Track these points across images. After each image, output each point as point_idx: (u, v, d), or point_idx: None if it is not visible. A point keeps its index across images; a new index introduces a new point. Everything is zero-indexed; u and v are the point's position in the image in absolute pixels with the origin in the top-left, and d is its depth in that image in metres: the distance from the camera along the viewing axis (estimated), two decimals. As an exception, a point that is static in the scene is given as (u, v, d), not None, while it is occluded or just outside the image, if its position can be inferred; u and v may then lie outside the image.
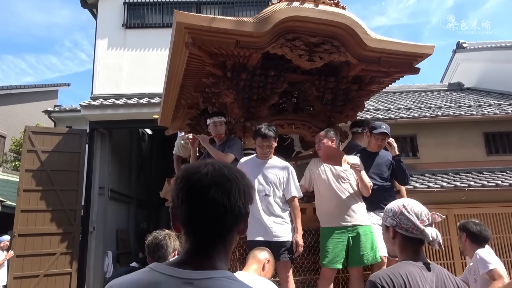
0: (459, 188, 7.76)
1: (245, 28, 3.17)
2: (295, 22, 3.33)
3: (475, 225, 3.05)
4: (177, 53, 3.50)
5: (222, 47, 3.24)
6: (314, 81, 4.04)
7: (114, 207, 10.50)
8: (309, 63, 3.49)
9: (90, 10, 10.61)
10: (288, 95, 4.21)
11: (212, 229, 0.90)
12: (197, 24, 3.08)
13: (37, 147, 8.55)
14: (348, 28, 3.38)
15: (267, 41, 3.31)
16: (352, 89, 4.13)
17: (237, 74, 3.60)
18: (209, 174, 0.89)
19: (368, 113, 9.83)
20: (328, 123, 4.10)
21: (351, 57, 3.55)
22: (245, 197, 0.91)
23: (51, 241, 8.17)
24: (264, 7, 10.16)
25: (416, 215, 1.67)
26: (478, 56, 13.80)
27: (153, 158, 14.79)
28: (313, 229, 3.41)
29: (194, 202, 0.88)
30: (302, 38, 3.41)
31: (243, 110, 3.85)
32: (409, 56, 3.69)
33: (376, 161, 3.71)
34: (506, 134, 9.54)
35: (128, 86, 9.51)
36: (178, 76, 3.81)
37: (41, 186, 8.36)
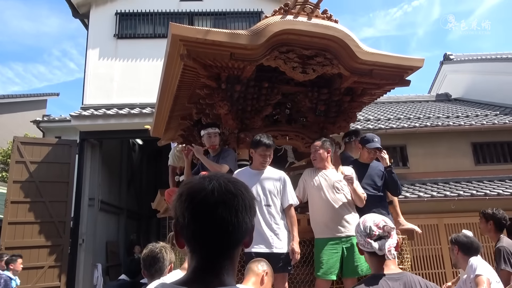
0: (448, 197, 7.86)
1: (240, 40, 3.21)
2: (289, 35, 3.39)
3: (466, 237, 3.19)
4: (171, 65, 3.52)
5: (216, 59, 3.28)
6: (307, 93, 4.11)
7: (104, 219, 10.35)
8: (303, 75, 3.56)
9: (81, 20, 10.60)
10: (281, 106, 4.27)
11: (220, 247, 0.89)
12: (192, 37, 3.11)
13: (26, 158, 8.42)
14: (340, 41, 3.46)
15: (261, 53, 3.36)
16: (344, 100, 4.21)
17: (231, 85, 3.64)
18: (215, 191, 0.87)
19: (358, 123, 9.93)
20: (321, 134, 4.13)
21: (344, 70, 3.62)
22: (251, 211, 0.91)
23: (39, 254, 8.01)
24: (255, 19, 10.35)
25: (365, 231, 1.75)
26: (465, 68, 14.12)
27: (143, 169, 14.68)
28: (307, 240, 3.40)
29: (202, 221, 0.87)
30: (296, 50, 3.48)
31: (237, 121, 3.88)
32: (400, 69, 3.77)
33: (369, 172, 3.77)
34: (493, 144, 9.74)
35: (119, 96, 9.48)
36: (172, 87, 3.83)
37: (29, 198, 8.22)
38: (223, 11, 10.38)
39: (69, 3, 9.93)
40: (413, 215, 8.11)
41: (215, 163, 3.66)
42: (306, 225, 3.48)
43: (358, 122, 10.16)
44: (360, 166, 3.75)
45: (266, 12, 10.36)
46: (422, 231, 6.37)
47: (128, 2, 10.29)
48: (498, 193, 7.86)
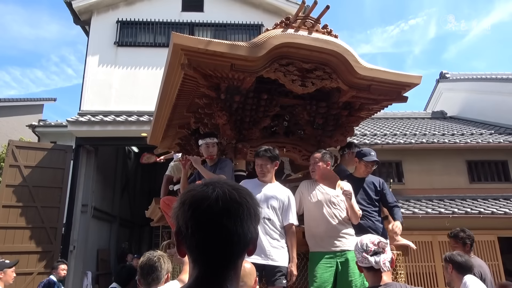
0: (443, 214, 7.87)
1: (241, 52, 3.23)
2: (289, 48, 3.43)
3: (460, 256, 3.21)
4: (172, 73, 3.54)
5: (217, 70, 3.30)
6: (305, 106, 4.14)
7: (96, 226, 10.24)
8: (302, 88, 3.58)
9: (82, 26, 10.66)
10: (279, 118, 4.28)
11: (224, 257, 0.86)
12: (194, 47, 3.13)
13: (20, 162, 8.36)
14: (340, 56, 3.50)
15: (261, 65, 3.38)
16: (342, 114, 4.23)
17: (230, 96, 3.65)
18: (219, 200, 0.84)
19: (355, 138, 9.98)
20: (318, 147, 4.13)
21: (342, 84, 3.66)
22: (255, 220, 0.89)
23: (29, 260, 7.88)
24: (255, 32, 10.46)
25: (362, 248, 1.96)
26: (460, 87, 14.29)
27: (138, 177, 14.61)
28: (302, 253, 3.38)
29: (206, 231, 0.84)
30: (296, 64, 3.51)
31: (235, 132, 3.88)
32: (397, 85, 3.81)
33: (363, 186, 3.76)
34: (488, 162, 9.80)
35: (117, 103, 9.48)
36: (172, 95, 3.82)
37: (21, 202, 8.13)
38: (224, 23, 10.49)
39: (71, 10, 10.00)
40: (408, 232, 8.08)
41: (212, 173, 3.64)
42: (301, 238, 3.45)
43: (355, 136, 10.21)
44: (355, 180, 3.75)
45: (266, 25, 10.48)
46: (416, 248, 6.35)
47: (129, 11, 10.38)
48: (492, 212, 7.88)
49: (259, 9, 10.71)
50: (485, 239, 8.26)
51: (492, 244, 8.20)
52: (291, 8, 10.51)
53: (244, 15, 10.61)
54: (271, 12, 10.65)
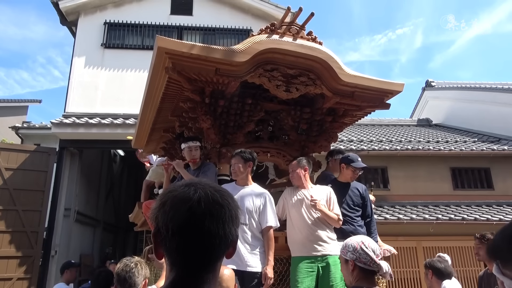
0: (427, 220, 7.95)
1: (225, 56, 3.23)
2: (274, 54, 3.45)
3: (440, 262, 3.32)
4: (156, 77, 3.51)
5: (201, 74, 3.28)
6: (290, 111, 4.16)
7: (79, 230, 10.04)
8: (286, 93, 3.61)
9: (69, 27, 10.52)
10: (264, 123, 4.28)
11: (204, 259, 0.84)
12: (178, 50, 3.12)
13: (1, 164, 8.15)
14: (324, 62, 3.53)
15: (246, 70, 3.39)
16: (326, 120, 4.27)
17: (215, 100, 3.66)
18: (202, 201, 0.82)
19: (342, 144, 10.04)
20: (302, 153, 4.19)
21: (326, 90, 3.70)
22: (236, 222, 0.87)
23: (8, 265, 7.66)
24: (244, 36, 10.47)
25: (373, 251, 1.96)
26: (445, 95, 14.55)
27: (123, 181, 14.40)
28: (284, 258, 3.40)
29: (188, 234, 0.82)
30: (280, 69, 3.54)
31: (219, 136, 3.88)
32: (380, 92, 3.86)
33: (348, 191, 3.80)
34: (471, 169, 9.97)
35: (103, 106, 9.36)
36: (156, 99, 3.81)
37: (1, 206, 7.91)
38: (213, 27, 10.48)
39: (58, 10, 9.87)
40: (392, 237, 8.15)
41: (195, 177, 3.57)
42: (284, 243, 3.47)
43: (341, 142, 10.27)
44: (340, 185, 3.79)
45: (255, 30, 10.49)
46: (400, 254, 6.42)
47: (117, 13, 10.30)
48: (475, 218, 7.99)
49: (248, 14, 10.74)
50: (468, 245, 8.35)
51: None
52: (280, 13, 10.57)
53: (233, 19, 10.62)
54: (260, 17, 10.69)
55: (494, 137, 11.10)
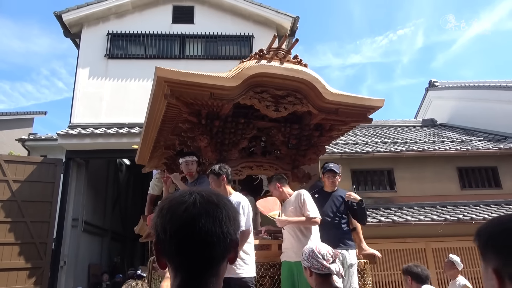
0: (436, 221, 7.89)
1: (218, 82, 3.56)
2: (263, 78, 3.78)
3: (416, 267, 3.47)
4: (156, 102, 3.85)
5: (197, 98, 3.62)
6: (280, 128, 4.49)
7: (87, 240, 10.08)
8: (275, 112, 3.97)
9: (72, 39, 10.64)
10: (257, 139, 4.64)
11: (205, 261, 0.84)
12: (175, 79, 3.44)
13: (9, 177, 8.22)
14: (309, 83, 3.86)
15: (238, 93, 3.71)
16: (314, 135, 4.60)
17: (210, 121, 4.02)
18: (197, 202, 0.84)
19: (347, 147, 10.03)
20: (293, 166, 4.60)
21: (312, 108, 4.03)
22: (235, 224, 0.88)
23: (18, 277, 7.70)
24: (246, 42, 10.52)
25: (322, 257, 2.09)
26: (449, 95, 14.50)
27: (130, 189, 14.46)
28: (277, 263, 3.71)
29: (185, 233, 0.82)
30: (269, 91, 3.87)
31: (215, 153, 4.21)
32: (363, 108, 4.17)
33: (331, 199, 4.10)
34: (478, 169, 9.89)
35: (108, 116, 9.43)
36: (157, 121, 4.14)
37: (10, 218, 7.97)
38: (215, 34, 10.55)
39: (61, 22, 9.99)
40: (401, 239, 8.12)
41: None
42: (276, 250, 3.83)
43: (346, 145, 10.26)
44: (325, 194, 4.16)
45: (256, 36, 10.58)
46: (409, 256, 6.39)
47: (120, 23, 10.40)
48: (484, 218, 7.92)
49: (250, 20, 10.80)
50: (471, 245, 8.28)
51: (485, 250, 8.23)
52: (281, 19, 10.64)
53: (235, 26, 10.69)
54: (262, 23, 10.75)
55: (500, 136, 11.02)
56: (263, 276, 3.64)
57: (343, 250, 3.75)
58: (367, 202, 9.38)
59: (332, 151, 9.41)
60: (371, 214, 8.49)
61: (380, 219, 7.97)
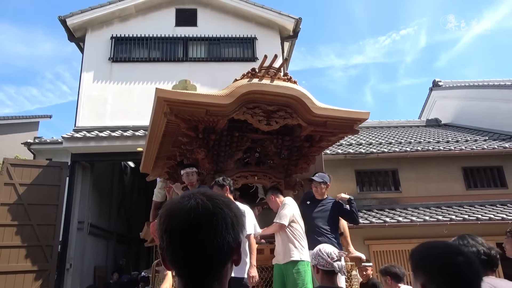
0: (441, 222, 7.86)
1: (213, 100, 3.89)
2: (255, 95, 4.07)
3: (393, 267, 3.67)
4: (157, 119, 4.18)
5: (194, 115, 3.95)
6: (272, 140, 4.79)
7: (93, 243, 10.13)
8: (267, 126, 4.27)
9: (76, 43, 10.72)
10: (251, 150, 4.92)
11: (204, 269, 0.85)
12: (174, 98, 3.80)
13: (15, 180, 8.29)
14: (298, 99, 4.15)
15: (232, 109, 4.02)
16: (304, 146, 4.89)
17: (207, 135, 4.34)
18: (192, 211, 0.84)
19: (350, 147, 10.02)
20: (286, 175, 4.92)
21: (302, 121, 4.31)
22: (233, 229, 0.86)
23: (25, 279, 7.75)
24: (248, 44, 10.55)
25: (327, 255, 2.35)
26: (453, 94, 14.43)
27: (135, 192, 14.51)
28: (270, 266, 4.00)
29: (180, 244, 0.84)
30: (261, 106, 4.17)
31: (212, 165, 4.55)
32: (349, 120, 4.46)
33: (321, 207, 4.36)
34: (483, 168, 9.84)
35: (112, 119, 9.48)
36: (158, 135, 4.49)
37: (17, 221, 8.03)
38: (217, 37, 10.59)
39: (65, 27, 10.07)
40: (406, 240, 8.09)
41: None
42: (269, 254, 4.14)
43: (350, 146, 10.24)
44: (315, 201, 4.44)
45: (259, 38, 10.60)
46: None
47: (123, 27, 10.47)
48: (489, 218, 7.89)
49: (252, 22, 10.83)
50: (484, 246, 8.24)
51: (491, 250, 8.17)
52: (283, 21, 10.66)
53: (237, 28, 10.72)
54: (264, 25, 10.77)
55: (505, 135, 10.96)
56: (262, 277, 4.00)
57: None
58: (372, 203, 9.37)
59: (336, 152, 9.41)
60: (376, 215, 8.48)
61: (385, 220, 7.95)
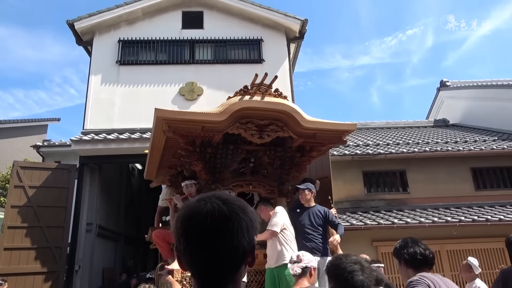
0: (450, 223, 7.78)
1: (208, 118, 4.20)
2: (247, 111, 4.37)
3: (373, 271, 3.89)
4: (157, 135, 4.54)
5: (191, 131, 4.29)
6: (266, 151, 5.09)
7: (102, 244, 10.20)
8: (260, 139, 4.57)
9: (84, 47, 10.82)
10: (246, 161, 5.23)
11: (220, 271, 0.87)
12: (172, 117, 4.18)
13: (25, 183, 8.38)
14: (288, 113, 4.44)
15: (226, 125, 4.33)
16: (296, 156, 5.19)
17: (204, 149, 4.67)
18: (208, 216, 0.86)
19: (357, 148, 9.97)
20: (279, 183, 5.20)
21: (292, 134, 4.61)
22: (248, 233, 0.89)
23: (34, 281, 7.83)
24: (255, 46, 10.56)
25: (292, 260, 2.94)
26: (461, 94, 14.31)
27: (142, 193, 14.58)
28: (263, 270, 4.28)
29: (196, 247, 0.86)
30: (253, 121, 4.47)
31: (209, 175, 4.85)
32: (337, 132, 4.77)
33: (308, 213, 4.66)
34: (493, 169, 9.73)
35: (120, 121, 9.55)
36: (159, 148, 4.84)
37: (26, 223, 8.12)
38: (224, 39, 10.62)
39: (73, 31, 10.17)
40: (415, 241, 8.02)
41: None
42: (262, 258, 4.38)
43: (357, 147, 10.20)
44: (304, 208, 4.75)
45: (265, 39, 10.62)
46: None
47: (131, 30, 10.54)
48: (499, 219, 7.79)
49: (258, 24, 10.85)
50: (493, 247, 8.16)
51: (501, 251, 8.08)
52: (289, 22, 10.66)
53: (244, 30, 10.74)
54: (270, 26, 10.78)
55: (514, 135, 10.84)
56: (250, 281, 4.34)
57: (318, 257, 4.27)
58: (380, 204, 9.32)
59: (343, 153, 9.38)
60: (384, 216, 8.43)
61: (393, 221, 7.90)
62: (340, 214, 8.43)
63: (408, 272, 2.24)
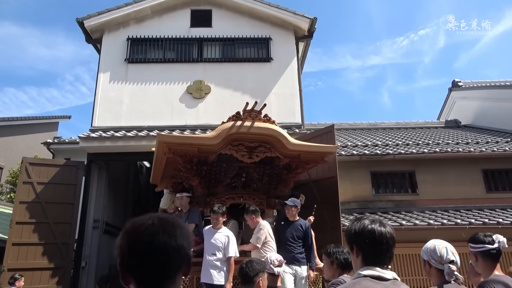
0: (460, 225, 7.63)
1: (203, 142, 4.94)
2: (239, 135, 5.07)
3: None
4: (159, 155, 5.32)
5: (189, 152, 5.07)
6: (255, 168, 5.80)
7: (108, 241, 10.24)
8: (249, 159, 5.29)
9: (94, 45, 10.88)
10: (238, 176, 5.93)
11: (164, 270, 0.97)
12: (172, 141, 4.95)
13: (33, 179, 8.46)
14: (275, 137, 5.18)
15: (219, 147, 5.05)
16: (283, 173, 5.91)
17: (200, 166, 5.40)
18: (155, 223, 1.00)
19: (366, 148, 9.84)
20: (268, 196, 5.97)
21: (279, 155, 5.32)
22: (188, 240, 1.02)
23: (41, 276, 7.89)
24: (263, 45, 10.50)
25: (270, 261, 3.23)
26: (474, 95, 14.05)
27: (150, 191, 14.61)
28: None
29: (146, 246, 0.96)
30: (244, 143, 5.17)
31: (205, 189, 5.60)
32: (320, 153, 5.53)
33: (291, 227, 5.34)
34: (505, 171, 9.52)
35: (128, 119, 9.58)
36: (161, 164, 5.64)
37: (34, 219, 8.19)
38: (232, 37, 10.58)
39: (83, 29, 10.24)
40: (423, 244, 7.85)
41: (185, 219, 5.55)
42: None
43: (365, 147, 10.07)
44: (288, 222, 5.44)
45: (274, 38, 10.55)
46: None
47: (139, 28, 10.57)
48: (511, 222, 7.61)
49: (267, 22, 10.78)
50: (505, 250, 7.95)
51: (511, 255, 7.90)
52: (298, 21, 10.57)
53: (252, 29, 10.69)
54: (279, 25, 10.71)
55: (528, 137, 10.58)
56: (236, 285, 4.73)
57: (296, 266, 5.08)
58: (388, 205, 9.18)
59: (351, 153, 9.26)
60: (392, 218, 8.30)
61: (401, 223, 7.78)
62: (347, 215, 8.33)
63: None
